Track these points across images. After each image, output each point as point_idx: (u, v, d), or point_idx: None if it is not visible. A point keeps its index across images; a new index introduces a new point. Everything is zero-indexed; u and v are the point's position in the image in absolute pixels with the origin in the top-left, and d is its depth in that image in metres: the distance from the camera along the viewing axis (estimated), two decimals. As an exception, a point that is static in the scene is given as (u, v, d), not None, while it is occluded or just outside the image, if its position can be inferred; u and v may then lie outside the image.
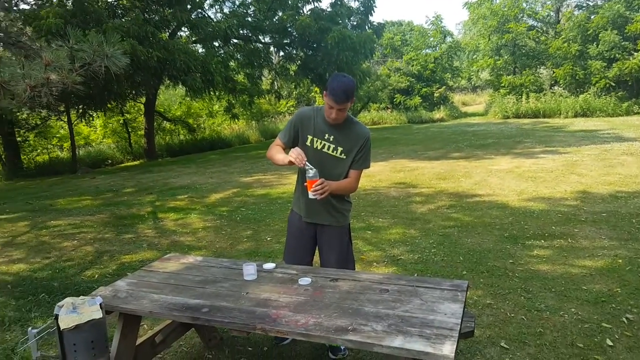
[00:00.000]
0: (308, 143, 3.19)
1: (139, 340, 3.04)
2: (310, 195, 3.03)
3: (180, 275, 3.07)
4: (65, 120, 17.38)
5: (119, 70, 4.40)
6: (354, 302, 2.55)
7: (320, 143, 3.18)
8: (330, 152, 3.18)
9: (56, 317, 2.42)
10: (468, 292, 4.26)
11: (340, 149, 3.16)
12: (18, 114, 16.31)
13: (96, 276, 5.09)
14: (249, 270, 2.99)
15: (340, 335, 2.21)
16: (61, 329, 2.39)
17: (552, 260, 4.99)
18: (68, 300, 2.54)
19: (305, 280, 2.87)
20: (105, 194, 10.42)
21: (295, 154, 2.99)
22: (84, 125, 20.74)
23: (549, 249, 5.33)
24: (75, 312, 2.45)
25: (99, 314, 2.46)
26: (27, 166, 17.32)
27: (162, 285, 2.91)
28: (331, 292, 2.70)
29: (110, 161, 18.92)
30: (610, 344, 3.36)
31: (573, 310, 3.87)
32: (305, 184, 3.10)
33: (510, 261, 5.02)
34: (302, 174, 3.30)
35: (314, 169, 3.01)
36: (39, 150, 19.26)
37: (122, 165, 18.25)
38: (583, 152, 11.85)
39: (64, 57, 4.32)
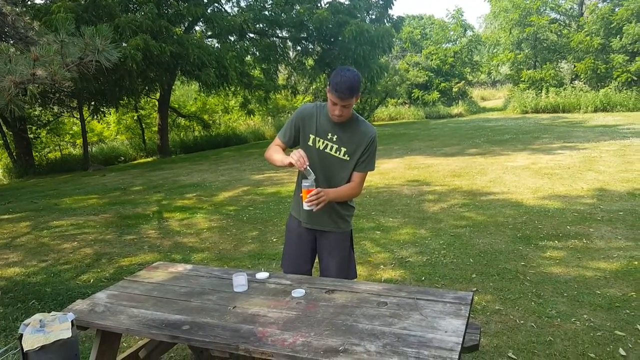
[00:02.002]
0: (310, 143, 2.96)
1: (120, 357, 2.83)
2: (305, 206, 2.82)
3: (165, 287, 2.85)
4: (78, 117, 17.32)
5: (110, 65, 4.16)
6: (348, 317, 2.32)
7: (323, 143, 2.93)
8: (333, 152, 2.93)
9: (20, 336, 2.22)
10: (476, 297, 4.05)
11: (343, 149, 2.92)
12: (30, 110, 16.27)
13: (92, 280, 4.91)
14: (239, 281, 2.77)
15: (330, 358, 1.99)
16: (25, 350, 2.18)
17: (565, 262, 4.77)
18: (37, 316, 2.34)
19: (298, 292, 2.65)
20: (113, 192, 10.29)
21: (297, 156, 2.75)
22: (97, 122, 20.68)
23: (563, 250, 5.11)
24: (43, 331, 2.24)
25: (68, 333, 2.25)
26: (39, 163, 17.31)
27: (144, 298, 2.69)
28: (325, 305, 2.47)
29: (123, 158, 18.87)
30: (624, 353, 3.16)
31: (585, 316, 3.67)
32: (301, 193, 2.87)
33: (522, 263, 4.81)
34: (302, 176, 3.07)
35: (312, 177, 2.79)
36: (50, 147, 19.26)
37: (135, 162, 18.20)
38: (602, 148, 11.51)
39: (54, 51, 4.12)
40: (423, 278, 4.58)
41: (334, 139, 2.92)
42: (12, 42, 9.65)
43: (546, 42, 26.48)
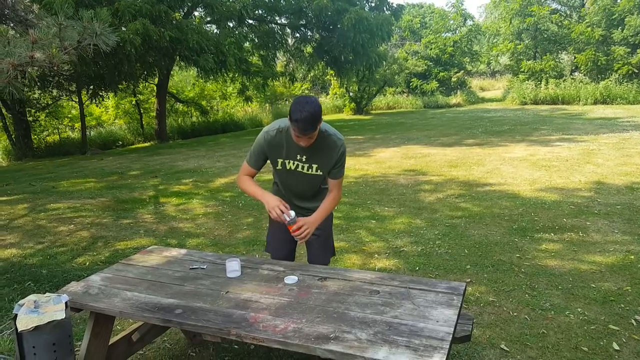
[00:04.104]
0: (279, 167, 2.99)
1: (113, 339, 2.86)
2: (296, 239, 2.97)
3: (159, 271, 2.88)
4: (77, 100, 17.27)
5: (108, 49, 4.15)
6: (340, 305, 2.35)
7: (293, 164, 2.96)
8: (305, 171, 2.96)
9: (15, 316, 2.25)
10: (470, 289, 4.08)
11: (315, 166, 2.94)
12: (29, 93, 16.21)
13: (87, 263, 4.95)
14: (233, 266, 2.79)
15: (320, 345, 2.02)
16: (19, 330, 2.21)
17: (561, 255, 4.77)
18: (31, 297, 2.36)
19: (291, 279, 2.68)
20: (111, 176, 10.30)
21: (275, 214, 2.83)
22: (95, 106, 20.62)
23: (559, 243, 5.10)
24: (37, 311, 2.27)
25: (61, 315, 2.28)
26: (38, 146, 17.29)
27: (138, 282, 2.72)
28: (317, 292, 2.50)
29: (121, 142, 18.80)
30: (617, 348, 3.16)
31: (579, 310, 3.67)
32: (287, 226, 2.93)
33: (517, 255, 4.82)
34: (280, 178, 3.12)
35: (292, 215, 2.85)
36: (49, 131, 19.20)
37: (133, 146, 18.13)
38: (600, 140, 11.48)
39: (53, 34, 4.11)
40: (417, 268, 4.60)
41: (304, 159, 2.93)
42: (11, 24, 9.60)
43: (547, 32, 26.32)
